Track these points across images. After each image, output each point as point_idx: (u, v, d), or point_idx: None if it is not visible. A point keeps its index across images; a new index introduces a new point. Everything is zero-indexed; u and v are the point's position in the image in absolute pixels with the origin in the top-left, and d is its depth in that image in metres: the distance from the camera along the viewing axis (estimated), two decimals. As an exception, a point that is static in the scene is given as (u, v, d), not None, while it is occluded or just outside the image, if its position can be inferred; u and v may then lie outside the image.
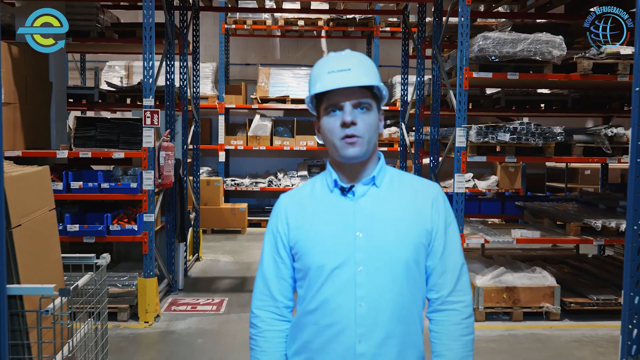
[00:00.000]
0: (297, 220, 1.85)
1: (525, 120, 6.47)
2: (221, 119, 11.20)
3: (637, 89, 2.75)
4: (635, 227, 2.76)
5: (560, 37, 5.49)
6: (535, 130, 5.54)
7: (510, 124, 5.60)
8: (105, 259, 3.63)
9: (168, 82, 6.73)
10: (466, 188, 10.21)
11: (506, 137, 5.53)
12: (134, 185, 5.56)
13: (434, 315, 1.85)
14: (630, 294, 2.76)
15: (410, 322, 1.80)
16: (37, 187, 3.33)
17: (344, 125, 1.74)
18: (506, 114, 8.52)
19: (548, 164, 11.27)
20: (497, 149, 6.00)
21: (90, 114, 9.29)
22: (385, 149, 11.17)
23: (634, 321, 2.77)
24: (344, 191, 1.82)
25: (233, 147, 11.16)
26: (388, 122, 11.32)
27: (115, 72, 11.06)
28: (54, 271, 3.37)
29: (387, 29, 11.37)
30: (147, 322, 5.53)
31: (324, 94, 1.78)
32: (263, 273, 1.90)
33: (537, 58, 5.41)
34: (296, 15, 10.76)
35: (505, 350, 5.08)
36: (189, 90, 7.55)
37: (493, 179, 11.70)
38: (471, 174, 11.72)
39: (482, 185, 11.56)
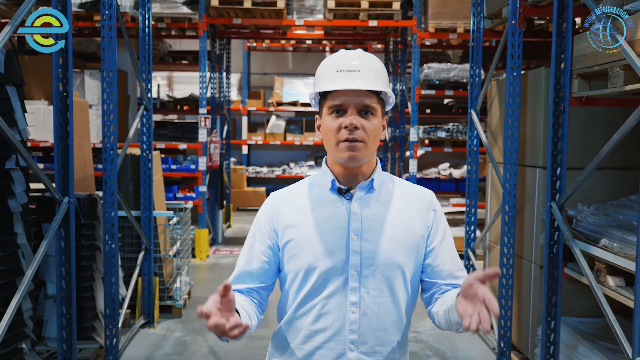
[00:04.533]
0: (289, 219, 1.78)
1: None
2: (244, 119, 13.88)
3: (470, 110, 5.35)
4: (472, 191, 5.37)
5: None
6: (462, 129, 8.16)
7: (445, 125, 8.23)
8: (190, 205, 6.34)
9: (211, 94, 9.40)
10: (443, 175, 12.87)
11: (443, 134, 8.16)
12: (192, 166, 8.25)
13: (437, 296, 1.79)
14: (469, 215, 5.40)
15: (403, 331, 1.76)
16: (156, 162, 6.02)
17: (347, 128, 1.68)
18: (462, 117, 11.08)
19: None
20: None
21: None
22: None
23: (472, 228, 5.40)
24: (340, 193, 1.76)
25: (254, 142, 13.79)
26: (379, 121, 13.97)
27: (157, 81, 13.76)
28: (163, 208, 6.06)
29: (379, 45, 13.97)
30: (201, 259, 8.21)
31: (329, 92, 1.72)
32: (241, 269, 1.82)
33: (464, 81, 8.02)
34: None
35: (438, 275, 7.71)
36: (224, 99, 10.23)
37: (465, 168, 14.26)
38: (448, 164, 14.27)
39: (456, 173, 14.07)
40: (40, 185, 4.19)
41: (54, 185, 3.66)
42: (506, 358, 4.47)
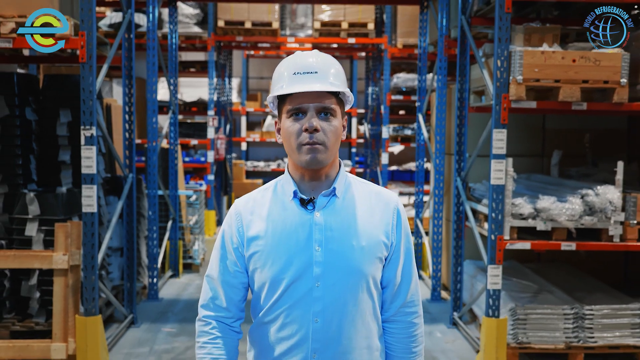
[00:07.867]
0: (253, 230, 1.78)
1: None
2: (243, 119, 15.59)
3: (418, 114, 7.05)
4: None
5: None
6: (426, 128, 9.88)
7: (411, 125, 9.96)
8: (204, 188, 8.07)
9: (217, 98, 11.11)
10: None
11: (409, 132, 9.89)
12: (202, 159, 9.96)
13: (387, 326, 1.86)
14: (417, 194, 7.12)
15: (369, 337, 1.80)
16: (178, 153, 7.74)
17: (306, 131, 1.68)
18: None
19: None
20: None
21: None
22: (361, 140, 15.51)
23: (420, 204, 7.13)
24: (303, 203, 1.76)
25: (252, 140, 15.48)
26: (363, 121, 15.68)
27: (165, 85, 15.47)
28: (183, 189, 7.78)
29: (363, 54, 15.69)
30: (210, 235, 9.93)
31: (287, 95, 1.71)
32: (215, 279, 1.83)
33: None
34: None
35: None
36: (226, 101, 11.96)
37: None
38: (426, 158, 16.02)
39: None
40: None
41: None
42: (437, 293, 6.21)
